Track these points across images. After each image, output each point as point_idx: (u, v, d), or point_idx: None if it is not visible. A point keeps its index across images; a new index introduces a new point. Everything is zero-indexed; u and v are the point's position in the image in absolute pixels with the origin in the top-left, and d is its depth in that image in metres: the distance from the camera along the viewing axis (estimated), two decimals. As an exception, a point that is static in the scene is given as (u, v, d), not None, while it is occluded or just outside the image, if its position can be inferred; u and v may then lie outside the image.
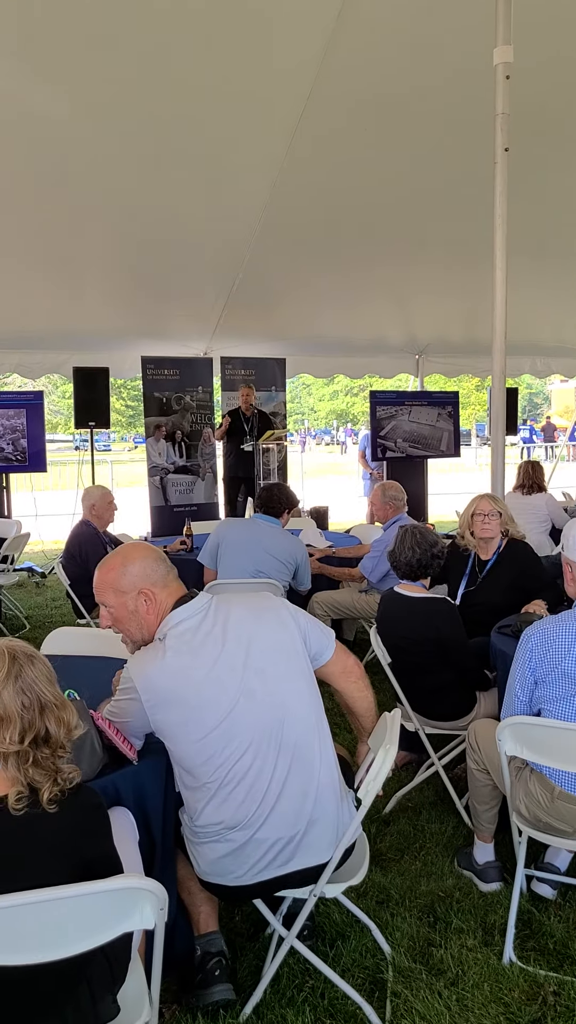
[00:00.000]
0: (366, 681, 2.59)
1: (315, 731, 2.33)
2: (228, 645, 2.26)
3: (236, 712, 2.21)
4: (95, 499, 5.74)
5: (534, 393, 46.47)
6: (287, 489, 5.13)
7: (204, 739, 2.20)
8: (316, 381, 40.03)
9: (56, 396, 34.59)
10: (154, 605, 2.30)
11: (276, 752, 2.24)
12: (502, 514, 4.04)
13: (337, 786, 2.35)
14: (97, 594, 2.36)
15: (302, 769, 2.26)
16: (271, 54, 4.87)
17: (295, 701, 2.30)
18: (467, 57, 4.82)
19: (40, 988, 1.70)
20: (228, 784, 2.21)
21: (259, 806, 2.21)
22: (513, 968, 2.59)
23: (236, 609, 2.36)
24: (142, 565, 2.32)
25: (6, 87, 4.85)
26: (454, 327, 10.33)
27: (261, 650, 2.29)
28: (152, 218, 6.69)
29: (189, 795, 2.29)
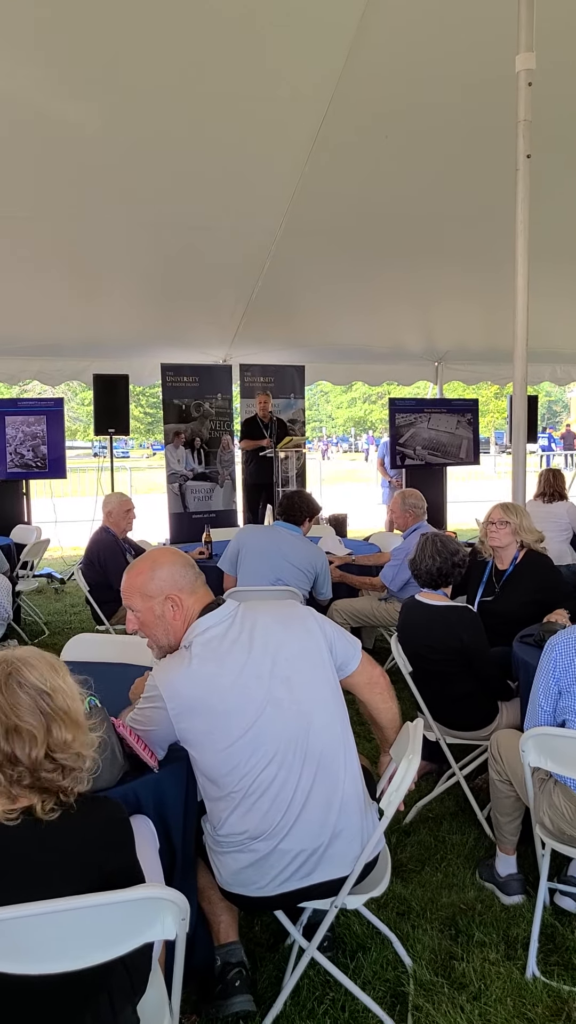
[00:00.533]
0: (391, 692, 2.57)
1: (340, 741, 2.31)
2: (254, 653, 2.25)
3: (262, 721, 2.19)
4: (112, 506, 5.76)
5: (553, 401, 46.23)
6: (309, 496, 5.12)
7: (229, 748, 2.18)
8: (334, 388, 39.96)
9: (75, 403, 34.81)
10: (181, 611, 2.30)
11: (301, 762, 2.22)
12: (510, 523, 4.00)
13: (361, 797, 2.33)
14: (124, 598, 2.36)
15: (327, 779, 2.25)
16: (293, 63, 4.87)
17: (321, 710, 2.28)
18: (488, 64, 4.81)
19: (60, 998, 1.69)
20: (253, 794, 2.19)
21: (283, 816, 2.19)
22: (536, 983, 2.56)
23: (263, 617, 2.35)
24: (170, 570, 2.32)
25: (33, 97, 4.89)
26: (474, 334, 10.30)
27: (287, 658, 2.27)
28: (173, 226, 6.70)
29: (213, 805, 2.27)
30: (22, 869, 1.65)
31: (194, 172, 5.95)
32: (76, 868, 1.67)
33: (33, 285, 7.71)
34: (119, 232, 6.80)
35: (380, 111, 5.39)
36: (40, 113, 5.05)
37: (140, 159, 5.74)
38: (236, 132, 5.48)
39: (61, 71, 4.75)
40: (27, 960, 1.61)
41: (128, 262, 7.47)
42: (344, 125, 5.41)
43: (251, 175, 6.06)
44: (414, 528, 5.24)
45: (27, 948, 1.60)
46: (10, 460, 8.99)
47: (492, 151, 5.58)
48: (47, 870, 1.65)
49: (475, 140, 5.69)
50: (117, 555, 5.51)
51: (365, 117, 5.43)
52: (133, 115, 5.22)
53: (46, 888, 1.61)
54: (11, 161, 5.59)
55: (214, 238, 6.98)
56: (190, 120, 5.32)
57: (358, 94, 5.12)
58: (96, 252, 7.17)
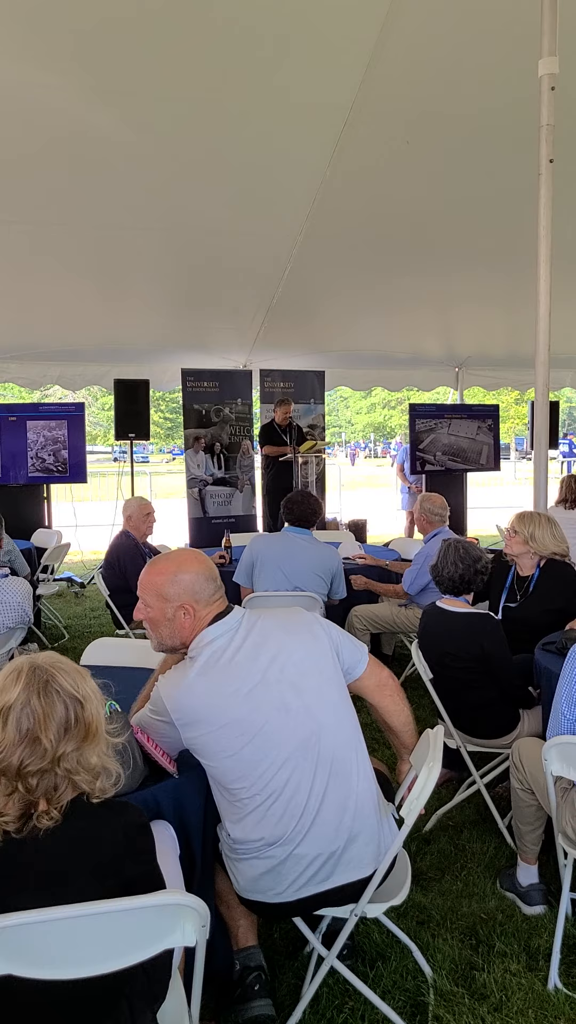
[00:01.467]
0: (402, 695, 2.56)
1: (352, 743, 2.31)
2: (260, 660, 2.25)
3: (269, 727, 2.19)
4: (132, 510, 5.78)
5: (573, 407, 45.96)
6: (313, 497, 5.08)
7: (237, 755, 2.18)
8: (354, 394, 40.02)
9: (95, 408, 35.02)
10: (192, 620, 2.30)
11: (314, 766, 2.21)
12: (519, 534, 3.95)
13: (376, 799, 2.32)
14: (140, 590, 2.36)
15: (340, 782, 2.24)
16: (315, 70, 4.88)
17: (330, 714, 2.27)
18: (510, 68, 4.80)
19: (80, 1003, 1.69)
20: (266, 800, 2.19)
21: (298, 821, 2.19)
22: (559, 995, 2.53)
23: (268, 624, 2.35)
24: (193, 579, 2.31)
25: (59, 103, 4.93)
26: (495, 340, 10.26)
27: (294, 664, 2.27)
28: (195, 231, 6.74)
29: (227, 811, 2.27)
30: (41, 875, 1.65)
31: (217, 179, 5.98)
32: (97, 873, 1.67)
33: (55, 290, 7.77)
34: (141, 238, 6.84)
35: (401, 116, 5.39)
36: (67, 120, 5.10)
37: (164, 166, 5.77)
38: (258, 139, 5.50)
39: (92, 83, 4.80)
40: (47, 965, 1.60)
41: (150, 268, 7.51)
42: (365, 131, 5.41)
43: (273, 181, 6.08)
44: (435, 533, 5.21)
45: (48, 953, 1.60)
46: (31, 465, 9.05)
47: (514, 156, 5.56)
48: (67, 876, 1.65)
49: (497, 144, 5.68)
50: (137, 559, 5.51)
51: (386, 123, 5.43)
52: (158, 124, 5.26)
53: (66, 894, 1.61)
54: (37, 168, 5.64)
55: (235, 244, 7.01)
56: (213, 128, 5.34)
57: (379, 100, 5.12)
58: (118, 258, 7.22)
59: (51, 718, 1.70)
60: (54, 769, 1.69)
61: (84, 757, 1.72)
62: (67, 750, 1.70)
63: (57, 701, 1.71)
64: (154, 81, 4.88)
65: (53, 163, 5.60)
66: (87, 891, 1.63)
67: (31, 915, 1.55)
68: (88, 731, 1.74)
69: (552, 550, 3.93)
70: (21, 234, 6.56)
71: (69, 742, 1.71)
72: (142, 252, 7.12)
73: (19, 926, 1.55)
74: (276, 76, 4.93)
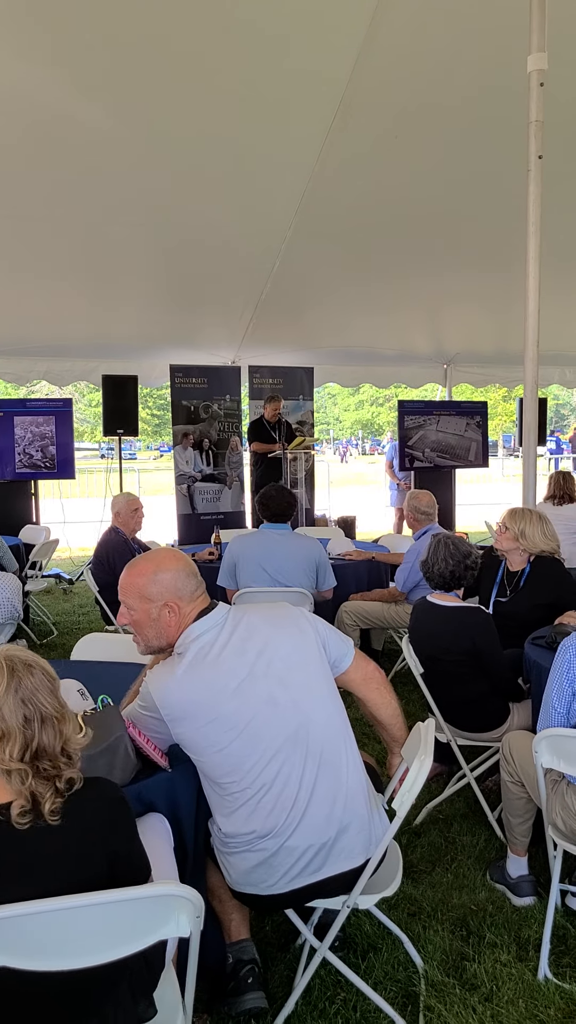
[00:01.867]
0: (389, 687, 2.57)
1: (340, 735, 2.32)
2: (247, 655, 2.26)
3: (257, 721, 2.20)
4: (120, 506, 5.77)
5: (561, 404, 46.16)
6: (286, 490, 5.03)
7: (226, 749, 2.19)
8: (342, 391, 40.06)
9: (83, 404, 34.91)
10: (177, 617, 2.30)
11: (303, 759, 2.22)
12: (510, 530, 3.97)
13: (365, 790, 2.33)
14: (121, 594, 2.34)
15: (329, 774, 2.25)
16: (304, 63, 4.88)
17: (318, 707, 2.29)
18: (500, 65, 4.81)
19: (80, 992, 1.70)
20: (256, 793, 2.20)
21: (289, 813, 2.20)
22: (548, 985, 2.55)
23: (254, 619, 2.35)
24: (173, 577, 2.30)
25: (47, 98, 4.91)
26: (483, 337, 10.29)
27: (281, 659, 2.28)
28: (183, 227, 6.73)
29: (218, 805, 2.28)
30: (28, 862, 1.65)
31: (205, 173, 5.97)
32: (83, 854, 1.68)
33: (42, 285, 7.74)
34: (129, 233, 6.82)
35: (391, 112, 5.40)
36: (53, 113, 5.08)
37: (150, 160, 5.75)
38: (247, 133, 5.50)
39: (74, 71, 4.77)
40: (42, 957, 1.61)
41: (138, 263, 7.49)
42: (354, 126, 5.41)
43: (261, 176, 6.07)
44: (424, 530, 5.23)
45: (42, 945, 1.61)
46: (19, 460, 9.02)
47: (503, 152, 5.58)
48: (54, 860, 1.66)
49: (486, 141, 5.69)
50: (126, 555, 5.50)
51: (376, 118, 5.43)
52: (144, 116, 5.24)
53: (55, 878, 1.62)
54: (24, 161, 5.62)
55: (224, 240, 7.00)
56: (202, 122, 5.33)
57: (369, 95, 5.13)
58: (106, 253, 7.19)
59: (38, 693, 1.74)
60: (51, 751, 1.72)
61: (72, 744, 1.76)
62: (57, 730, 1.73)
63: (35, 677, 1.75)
64: (143, 74, 4.86)
65: (40, 157, 5.58)
66: (78, 873, 1.64)
67: (25, 907, 1.55)
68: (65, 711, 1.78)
69: (541, 547, 3.95)
70: (7, 228, 6.53)
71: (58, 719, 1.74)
72: (130, 247, 7.10)
73: (13, 918, 1.55)
74: (265, 71, 4.92)
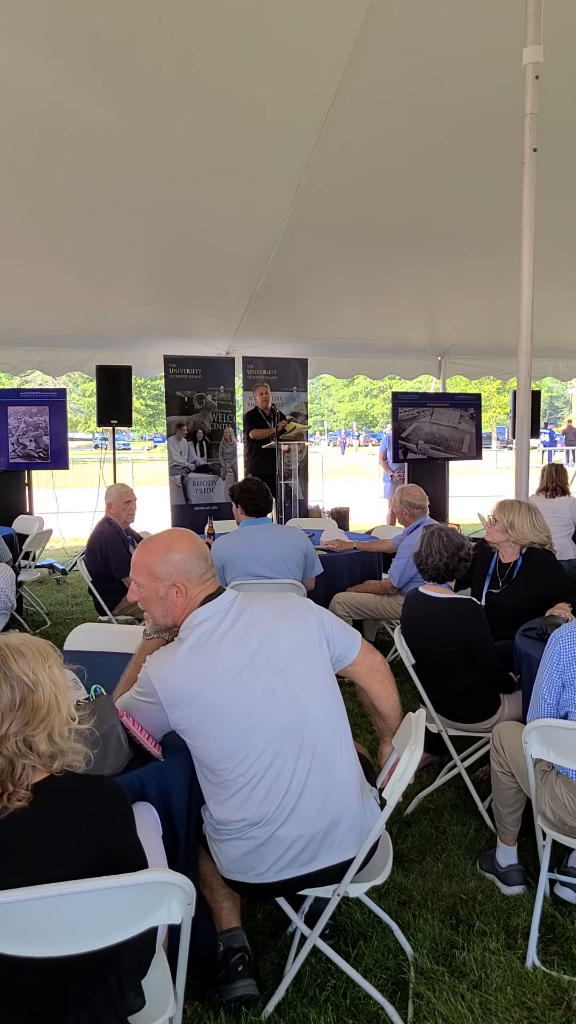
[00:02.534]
0: (391, 680, 2.59)
1: (336, 730, 2.33)
2: (249, 644, 2.27)
3: (255, 710, 2.22)
4: (112, 498, 5.79)
5: (555, 397, 46.20)
6: (261, 482, 4.96)
7: (223, 736, 2.20)
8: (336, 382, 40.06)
9: (76, 394, 34.81)
10: (183, 599, 2.32)
11: (297, 750, 2.24)
12: (499, 522, 3.98)
13: (359, 784, 2.35)
14: (132, 570, 2.37)
15: (323, 767, 2.26)
16: (300, 54, 4.86)
17: (316, 700, 2.30)
18: (495, 57, 4.80)
19: (69, 980, 1.71)
20: (249, 782, 2.21)
21: (280, 803, 2.21)
22: (536, 972, 2.58)
23: (260, 608, 2.36)
24: (184, 558, 2.32)
25: (43, 86, 4.88)
26: (478, 329, 10.29)
27: (284, 650, 2.29)
28: (178, 218, 6.70)
29: (211, 793, 2.30)
30: (27, 854, 1.66)
31: (199, 163, 5.95)
32: (77, 847, 1.69)
33: (36, 275, 7.71)
34: (124, 222, 6.79)
35: (386, 103, 5.38)
36: (49, 102, 5.05)
37: (146, 149, 5.73)
38: (242, 123, 5.47)
39: (69, 60, 4.74)
40: (33, 944, 1.62)
41: (133, 253, 7.47)
42: (350, 117, 5.40)
43: (256, 167, 6.06)
44: (416, 524, 5.25)
45: (34, 931, 1.62)
46: (12, 450, 9.00)
47: (498, 144, 5.57)
48: (52, 852, 1.66)
49: (481, 133, 5.68)
50: (119, 546, 5.52)
51: (371, 109, 5.42)
52: (140, 105, 5.22)
53: (53, 870, 1.62)
54: (19, 149, 5.59)
55: (219, 230, 6.98)
56: (197, 110, 5.31)
57: (364, 86, 5.11)
58: (101, 243, 7.17)
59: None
60: (1, 750, 1.69)
61: (31, 741, 1.71)
62: (9, 731, 1.69)
63: (3, 683, 1.70)
64: (139, 65, 4.84)
65: (36, 146, 5.55)
66: (72, 865, 1.64)
67: (16, 893, 1.56)
68: (35, 715, 1.72)
69: (531, 539, 3.96)
70: (3, 217, 6.50)
71: (13, 724, 1.70)
72: (125, 237, 7.08)
73: (4, 905, 1.56)
74: (261, 60, 4.91)
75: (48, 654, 1.80)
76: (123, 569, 5.42)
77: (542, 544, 3.99)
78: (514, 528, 3.94)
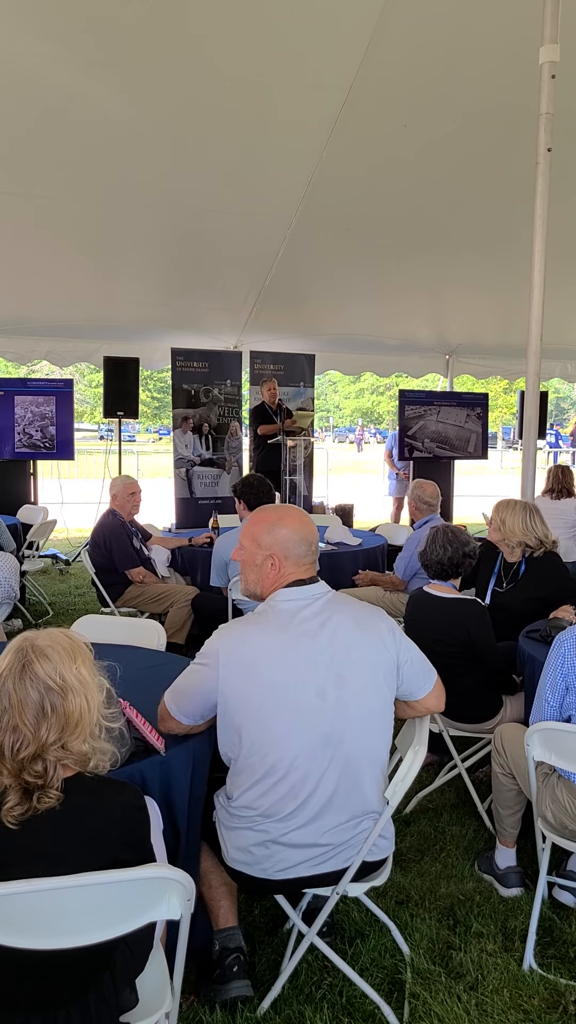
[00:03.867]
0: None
1: (373, 756, 2.28)
2: (319, 642, 2.24)
3: (301, 707, 2.19)
4: (117, 489, 5.76)
5: (561, 398, 46.13)
6: (265, 478, 4.93)
7: (264, 720, 2.18)
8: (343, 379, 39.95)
9: (82, 385, 34.82)
10: (275, 573, 2.34)
11: (328, 761, 2.21)
12: (493, 520, 3.98)
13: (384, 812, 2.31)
14: (241, 533, 2.44)
15: (351, 789, 2.24)
16: (315, 50, 4.84)
17: (363, 720, 2.25)
18: (511, 55, 4.78)
19: (64, 975, 1.70)
20: (274, 773, 2.19)
21: (300, 805, 2.20)
22: (533, 975, 2.57)
23: (343, 612, 2.33)
24: (288, 535, 2.34)
25: (54, 75, 4.87)
26: (487, 328, 10.27)
27: (350, 660, 2.25)
28: (189, 211, 6.69)
29: (234, 775, 2.29)
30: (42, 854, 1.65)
31: (213, 157, 5.94)
32: (92, 850, 1.67)
33: (47, 265, 7.71)
34: (136, 215, 6.79)
35: (400, 100, 5.37)
36: (63, 92, 5.05)
37: (158, 140, 5.72)
38: (255, 116, 5.46)
39: (82, 49, 4.74)
40: (33, 935, 1.62)
41: (144, 245, 7.46)
42: (363, 113, 5.38)
43: (269, 161, 6.04)
44: (425, 520, 5.24)
45: (33, 923, 1.61)
46: (18, 440, 9.00)
47: (511, 143, 5.55)
48: (65, 854, 1.65)
49: (494, 132, 5.66)
50: (123, 538, 5.50)
51: (384, 106, 5.40)
52: (152, 95, 5.21)
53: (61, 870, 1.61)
54: (32, 139, 5.58)
55: (229, 223, 6.97)
56: (209, 105, 5.30)
57: (378, 83, 5.10)
58: (112, 234, 7.16)
59: (25, 704, 1.67)
60: (44, 756, 1.68)
61: (71, 745, 1.70)
62: (50, 739, 1.68)
63: (31, 688, 1.68)
64: (154, 56, 4.82)
65: (48, 136, 5.54)
66: (82, 867, 1.63)
67: (15, 885, 1.56)
68: (69, 721, 1.70)
69: (519, 538, 3.92)
70: (13, 206, 6.50)
71: (50, 732, 1.68)
72: (137, 229, 7.07)
73: (6, 896, 1.56)
74: (276, 55, 4.89)
75: (76, 651, 1.77)
76: (125, 561, 5.41)
77: (532, 546, 3.96)
78: (504, 526, 3.93)
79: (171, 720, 2.34)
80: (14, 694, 1.68)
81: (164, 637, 3.52)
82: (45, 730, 1.67)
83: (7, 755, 1.67)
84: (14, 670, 1.70)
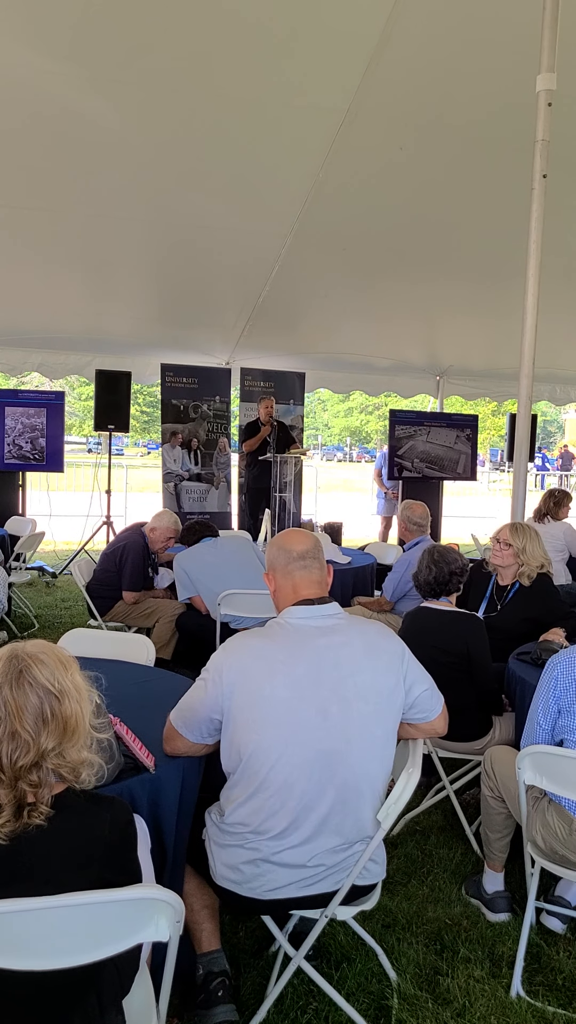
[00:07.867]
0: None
1: (371, 781, 2.25)
2: (324, 663, 2.22)
3: (302, 723, 2.17)
4: (164, 523, 5.61)
5: (548, 421, 46.45)
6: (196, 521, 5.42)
7: (262, 732, 2.16)
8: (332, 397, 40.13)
9: (72, 397, 34.77)
10: (272, 587, 2.43)
11: (324, 783, 2.18)
12: (513, 547, 3.99)
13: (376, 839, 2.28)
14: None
15: (347, 813, 2.21)
16: (313, 72, 4.88)
17: (364, 744, 2.22)
18: (507, 82, 4.83)
19: (50, 996, 1.66)
20: (267, 788, 2.17)
21: (289, 825, 2.17)
22: (521, 1002, 2.55)
23: (353, 635, 2.31)
24: (274, 552, 2.44)
25: (51, 89, 4.88)
26: (478, 350, 10.33)
27: (356, 683, 2.23)
28: (184, 228, 6.71)
29: (229, 789, 2.26)
30: (33, 871, 1.62)
31: (208, 176, 5.96)
32: (82, 867, 1.65)
33: (40, 277, 7.71)
34: (130, 229, 6.80)
35: (397, 123, 5.40)
36: (61, 107, 5.06)
37: (154, 156, 5.74)
38: (252, 138, 5.49)
39: (83, 67, 4.75)
40: (19, 956, 1.58)
41: (138, 260, 7.47)
42: (359, 136, 5.42)
43: (264, 182, 6.07)
44: (416, 542, 5.24)
45: (20, 944, 1.58)
46: (8, 451, 8.96)
47: (506, 169, 5.60)
48: (56, 871, 1.63)
49: (490, 157, 5.71)
50: (139, 562, 5.42)
51: (381, 129, 5.44)
52: (149, 117, 5.23)
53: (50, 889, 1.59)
54: (27, 152, 5.58)
55: (224, 240, 6.99)
56: (208, 124, 5.32)
57: (376, 105, 5.13)
58: (106, 248, 7.17)
59: (25, 710, 1.66)
60: (43, 764, 1.66)
61: (67, 753, 1.68)
62: (49, 746, 1.66)
63: (30, 693, 1.66)
64: (150, 74, 4.84)
65: (44, 150, 5.55)
66: (69, 886, 1.61)
67: (4, 905, 1.53)
68: (67, 727, 1.69)
69: (540, 562, 3.98)
70: (8, 218, 6.49)
71: (49, 738, 1.66)
72: (131, 243, 7.08)
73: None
74: (274, 76, 4.92)
75: (69, 661, 1.76)
76: (132, 582, 5.36)
77: (541, 568, 4.00)
78: (526, 552, 3.95)
79: (178, 738, 2.32)
80: (12, 701, 1.66)
81: (153, 652, 3.49)
82: (45, 736, 1.66)
83: (4, 765, 1.64)
84: (9, 677, 1.68)
